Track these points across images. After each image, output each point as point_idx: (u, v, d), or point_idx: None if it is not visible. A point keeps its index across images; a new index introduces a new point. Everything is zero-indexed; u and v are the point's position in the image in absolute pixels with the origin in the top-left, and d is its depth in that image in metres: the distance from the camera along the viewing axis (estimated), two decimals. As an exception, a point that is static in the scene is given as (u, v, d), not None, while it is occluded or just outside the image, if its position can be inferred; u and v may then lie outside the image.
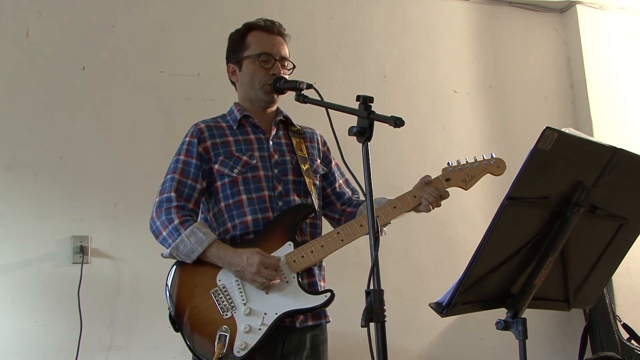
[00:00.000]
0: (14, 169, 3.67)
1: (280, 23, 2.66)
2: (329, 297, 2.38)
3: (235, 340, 2.29)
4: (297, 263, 2.40)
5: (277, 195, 2.50)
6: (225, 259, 2.35)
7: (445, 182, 2.52)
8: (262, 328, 2.31)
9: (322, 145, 2.75)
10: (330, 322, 2.60)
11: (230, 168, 2.48)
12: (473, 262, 1.65)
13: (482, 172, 2.53)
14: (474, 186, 2.55)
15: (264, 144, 2.56)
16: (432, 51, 4.81)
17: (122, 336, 3.65)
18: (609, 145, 1.68)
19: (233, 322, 2.31)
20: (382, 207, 2.46)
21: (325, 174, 2.71)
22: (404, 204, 2.47)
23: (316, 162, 2.66)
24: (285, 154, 2.58)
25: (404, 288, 4.29)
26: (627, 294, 4.78)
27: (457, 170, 2.53)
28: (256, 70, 2.56)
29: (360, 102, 2.02)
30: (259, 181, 2.49)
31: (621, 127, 5.04)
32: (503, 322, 1.80)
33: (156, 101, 4.01)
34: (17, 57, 3.78)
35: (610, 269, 1.98)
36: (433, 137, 4.66)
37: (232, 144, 2.53)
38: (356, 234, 2.44)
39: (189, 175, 2.48)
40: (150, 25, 4.08)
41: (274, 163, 2.54)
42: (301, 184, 2.55)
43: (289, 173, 2.55)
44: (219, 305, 2.34)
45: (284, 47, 2.61)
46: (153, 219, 2.45)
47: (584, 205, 1.71)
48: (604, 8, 5.20)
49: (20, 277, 3.58)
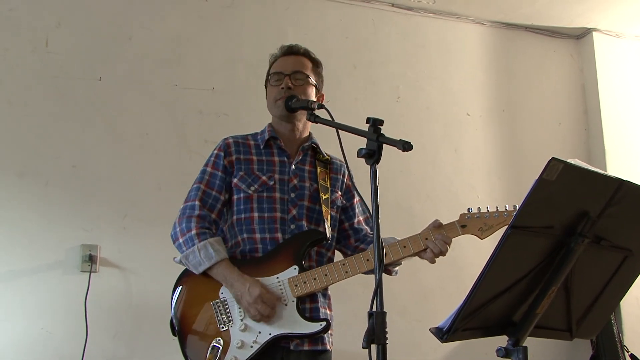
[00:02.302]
0: (26, 177, 3.70)
1: (299, 45, 2.72)
2: (324, 326, 2.40)
3: (227, 353, 2.34)
4: (299, 288, 2.42)
5: (290, 218, 2.53)
6: (229, 280, 2.40)
7: (460, 228, 2.48)
8: (254, 346, 2.35)
9: (347, 178, 2.75)
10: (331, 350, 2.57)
11: (248, 185, 2.54)
12: (475, 289, 1.64)
13: (500, 223, 2.47)
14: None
15: (286, 168, 2.60)
16: (446, 73, 4.83)
17: (127, 347, 3.67)
18: (615, 177, 1.68)
19: (228, 336, 2.37)
20: (391, 245, 2.46)
21: (345, 208, 2.72)
22: (414, 244, 2.46)
23: (336, 193, 2.68)
24: (305, 180, 2.61)
25: (409, 308, 4.28)
26: (635, 323, 4.74)
27: (475, 218, 2.48)
28: (270, 90, 2.65)
29: (370, 124, 2.03)
30: (273, 202, 2.53)
31: (634, 154, 5.03)
32: (504, 349, 1.78)
33: (170, 114, 4.04)
34: (35, 66, 3.84)
35: (614, 301, 1.97)
36: (444, 159, 4.67)
37: (255, 162, 2.59)
38: (361, 267, 2.45)
39: (214, 187, 2.55)
40: (167, 39, 4.13)
41: (292, 187, 2.57)
42: (315, 211, 2.58)
43: (305, 199, 2.57)
44: (217, 317, 2.40)
45: (300, 62, 2.65)
46: (175, 224, 2.53)
47: (588, 236, 1.70)
48: (621, 36, 5.20)
49: (29, 283, 3.61)
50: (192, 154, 3.94)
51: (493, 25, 5.02)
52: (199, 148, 3.95)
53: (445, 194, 4.57)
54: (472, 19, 4.95)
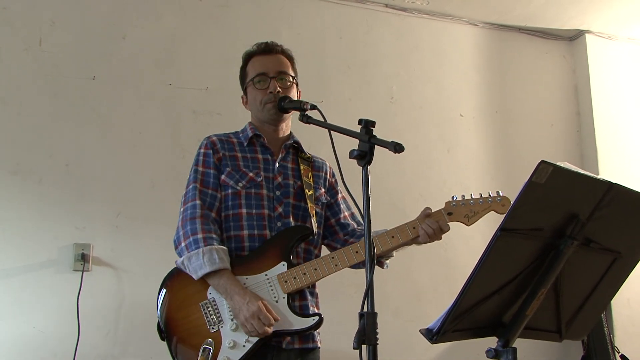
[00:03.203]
0: (19, 174, 3.70)
1: (275, 42, 2.70)
2: (317, 320, 2.38)
3: (219, 354, 2.31)
4: (289, 284, 2.40)
5: (276, 216, 2.52)
6: (229, 291, 2.34)
7: (447, 215, 2.48)
8: (247, 345, 2.33)
9: (330, 176, 2.76)
10: (320, 348, 2.57)
11: (236, 181, 2.53)
12: (465, 290, 1.65)
13: (485, 209, 2.49)
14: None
15: (270, 165, 2.60)
16: (440, 74, 4.84)
17: (119, 346, 3.67)
18: (605, 179, 1.69)
19: (219, 336, 2.34)
20: (380, 236, 2.46)
21: (330, 205, 2.72)
22: (402, 234, 2.46)
23: (320, 190, 2.68)
24: (289, 177, 2.60)
25: (402, 309, 4.30)
26: (626, 324, 4.77)
27: (460, 206, 2.49)
28: (256, 93, 2.62)
29: (362, 125, 2.03)
30: (261, 199, 2.52)
31: (626, 156, 5.06)
32: (494, 350, 1.80)
33: (163, 113, 4.05)
34: (28, 64, 3.84)
35: (603, 303, 1.98)
36: (437, 159, 4.68)
37: (240, 159, 2.58)
38: (351, 260, 2.44)
39: (209, 185, 2.52)
40: (161, 38, 4.13)
41: (277, 185, 2.57)
42: (301, 208, 2.58)
43: (290, 196, 2.57)
44: (207, 319, 2.37)
45: (281, 62, 2.65)
46: (178, 228, 2.46)
47: (577, 239, 1.72)
48: (613, 38, 5.23)
49: (21, 281, 3.61)
50: (185, 153, 3.93)
51: (487, 26, 5.04)
52: (193, 147, 3.87)
53: (438, 194, 4.57)
54: (466, 20, 4.96)
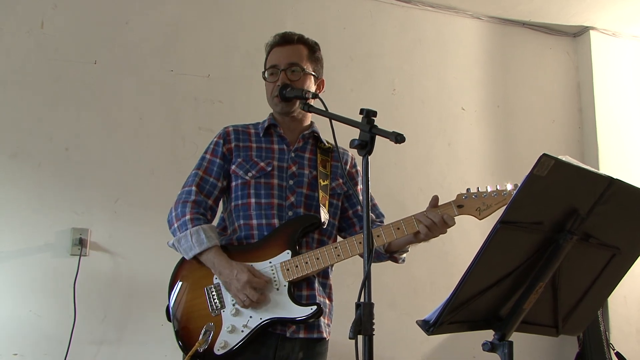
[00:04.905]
0: (19, 158, 3.69)
1: (292, 32, 2.68)
2: (315, 310, 2.37)
3: (218, 338, 2.35)
4: (291, 272, 2.41)
5: (288, 205, 2.52)
6: (217, 267, 2.40)
7: (457, 208, 2.41)
8: (245, 330, 2.36)
9: (350, 166, 2.74)
10: (327, 340, 2.56)
11: (245, 171, 2.54)
12: (462, 282, 1.65)
13: (499, 202, 2.37)
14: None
15: (285, 155, 2.60)
16: (443, 68, 4.82)
17: (115, 331, 3.67)
18: (606, 175, 1.68)
19: (220, 321, 2.38)
20: (384, 227, 2.43)
21: (348, 196, 2.69)
22: (408, 225, 2.40)
23: (337, 180, 2.66)
24: (304, 167, 2.60)
25: (399, 301, 4.30)
26: (622, 322, 4.77)
27: (472, 198, 2.40)
28: (267, 86, 2.64)
29: (364, 115, 2.02)
30: (270, 188, 2.53)
31: (627, 153, 5.05)
32: (490, 343, 1.79)
33: (165, 99, 4.03)
34: (30, 47, 3.82)
35: (601, 298, 1.97)
36: (438, 153, 4.68)
37: (254, 149, 2.60)
38: (353, 250, 2.42)
39: (212, 174, 2.57)
40: (163, 25, 4.11)
41: (290, 174, 2.57)
42: (314, 199, 2.56)
43: (303, 186, 2.56)
44: (210, 303, 2.41)
45: (294, 53, 2.61)
46: (171, 209, 2.54)
47: (577, 233, 1.71)
48: (617, 35, 5.21)
49: (18, 265, 3.60)
50: (185, 140, 3.93)
51: (491, 20, 5.02)
52: (193, 135, 3.94)
53: (437, 188, 4.56)
54: (470, 14, 4.94)
